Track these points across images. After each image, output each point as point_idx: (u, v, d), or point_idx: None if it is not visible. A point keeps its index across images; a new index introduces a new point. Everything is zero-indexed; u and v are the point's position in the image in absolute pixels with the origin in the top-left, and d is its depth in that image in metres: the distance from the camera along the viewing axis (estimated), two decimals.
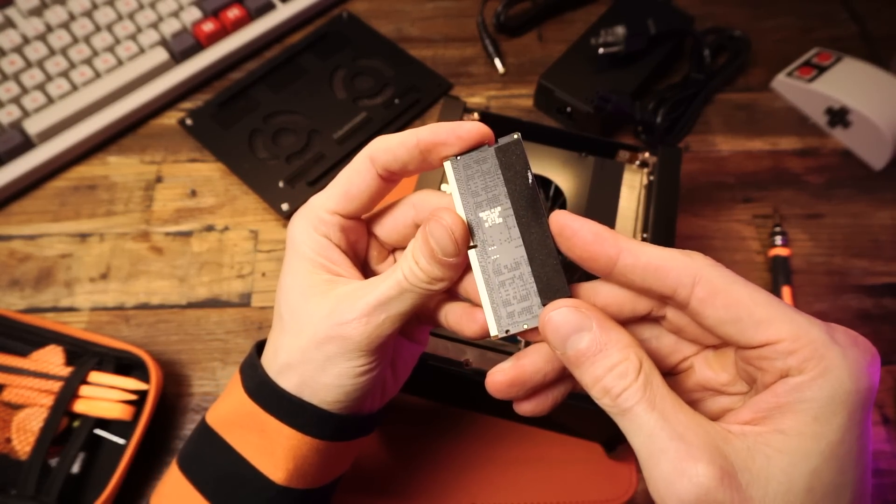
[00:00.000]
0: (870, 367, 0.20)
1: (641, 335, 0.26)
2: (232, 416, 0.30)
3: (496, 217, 0.26)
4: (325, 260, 0.28)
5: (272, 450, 0.29)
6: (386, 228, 0.30)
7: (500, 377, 0.25)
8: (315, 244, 0.28)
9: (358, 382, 0.28)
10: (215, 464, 0.30)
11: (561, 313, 0.22)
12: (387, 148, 0.27)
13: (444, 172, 0.29)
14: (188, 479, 0.31)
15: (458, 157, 0.27)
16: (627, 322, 0.25)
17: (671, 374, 0.26)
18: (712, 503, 0.19)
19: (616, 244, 0.22)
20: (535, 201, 0.25)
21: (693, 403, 0.24)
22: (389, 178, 0.28)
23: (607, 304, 0.25)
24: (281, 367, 0.28)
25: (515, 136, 0.26)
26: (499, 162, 0.26)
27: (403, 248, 0.31)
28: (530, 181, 0.25)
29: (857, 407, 0.19)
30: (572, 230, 0.23)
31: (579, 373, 0.22)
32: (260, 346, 0.32)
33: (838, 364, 0.19)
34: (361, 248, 0.31)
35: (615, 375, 0.21)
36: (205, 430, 0.31)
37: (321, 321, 0.27)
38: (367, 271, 0.31)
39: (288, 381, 0.28)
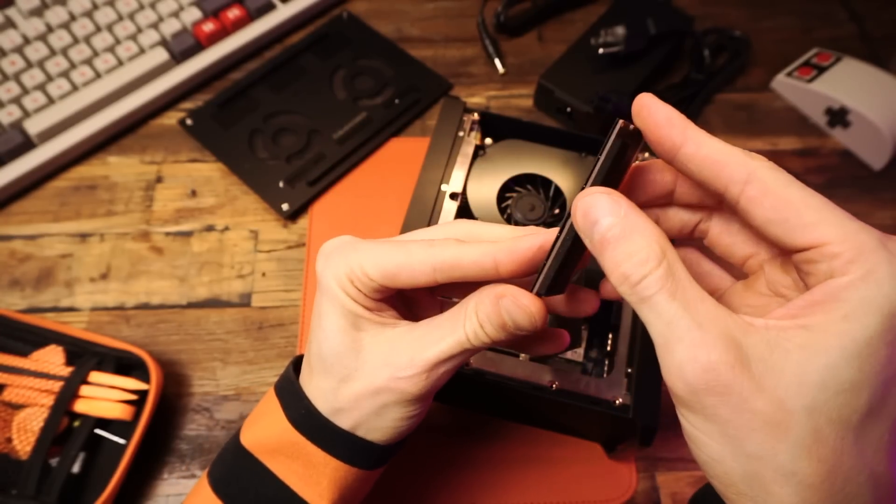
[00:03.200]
0: None
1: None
2: (273, 442, 0.30)
3: None
4: (364, 305, 0.28)
5: (317, 480, 0.29)
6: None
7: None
8: (352, 291, 0.28)
9: (412, 423, 0.29)
10: (256, 490, 0.30)
11: (592, 198, 0.22)
12: (455, 265, 0.26)
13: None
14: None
15: None
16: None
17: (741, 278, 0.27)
18: (722, 387, 0.19)
19: (683, 132, 0.22)
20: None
21: (760, 308, 0.25)
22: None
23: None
24: (333, 411, 0.29)
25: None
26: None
27: None
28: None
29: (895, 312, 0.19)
30: (649, 110, 0.23)
31: (603, 259, 0.22)
32: (297, 365, 0.32)
33: (882, 268, 0.19)
34: None
35: (636, 263, 0.21)
36: (243, 454, 0.30)
37: (375, 371, 0.27)
38: None
39: (342, 423, 0.29)
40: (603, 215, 0.22)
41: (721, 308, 0.21)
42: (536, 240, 0.25)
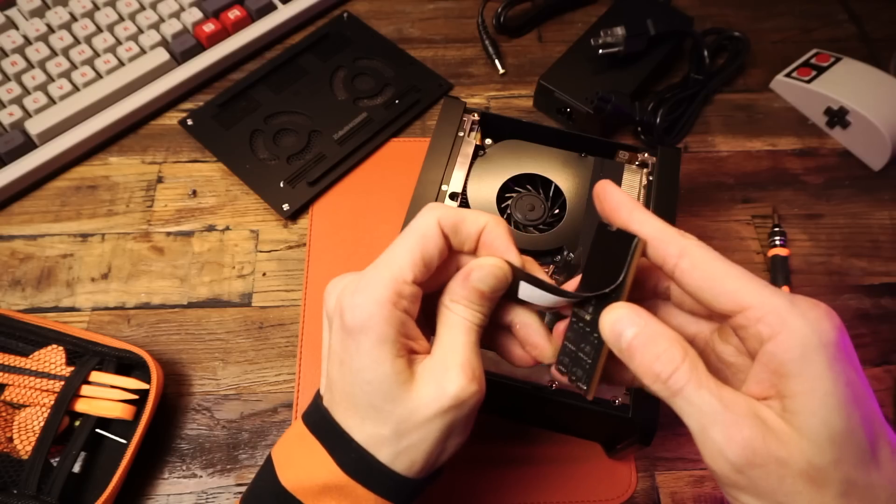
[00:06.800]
0: (829, 322, 0.23)
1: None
2: (319, 486, 0.29)
3: None
4: (406, 339, 0.28)
5: None
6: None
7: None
8: (398, 323, 0.27)
9: (467, 437, 0.30)
10: None
11: (616, 312, 0.25)
12: (457, 223, 0.29)
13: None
14: None
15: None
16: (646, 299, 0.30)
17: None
18: (761, 459, 0.22)
19: (630, 213, 0.27)
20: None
21: (740, 364, 0.27)
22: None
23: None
24: (394, 454, 0.28)
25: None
26: None
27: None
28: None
29: (830, 354, 0.22)
30: (606, 194, 0.28)
31: (633, 363, 0.25)
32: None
33: (800, 324, 0.22)
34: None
35: (664, 361, 0.24)
36: (285, 497, 0.30)
37: (430, 406, 0.27)
38: None
39: (401, 463, 0.28)
40: (627, 326, 0.25)
41: (736, 391, 0.24)
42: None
